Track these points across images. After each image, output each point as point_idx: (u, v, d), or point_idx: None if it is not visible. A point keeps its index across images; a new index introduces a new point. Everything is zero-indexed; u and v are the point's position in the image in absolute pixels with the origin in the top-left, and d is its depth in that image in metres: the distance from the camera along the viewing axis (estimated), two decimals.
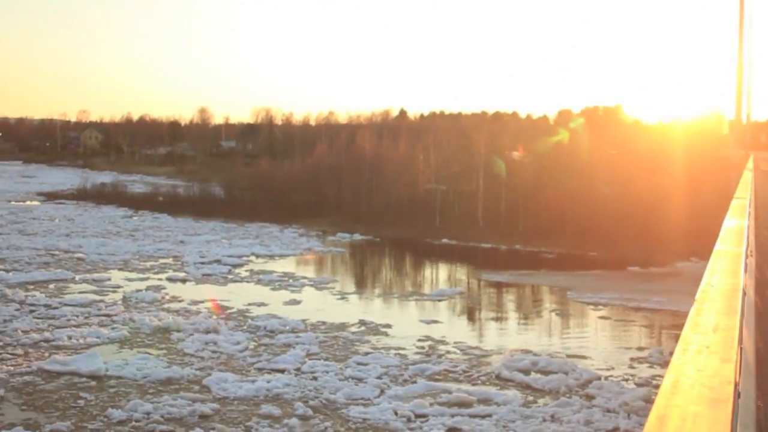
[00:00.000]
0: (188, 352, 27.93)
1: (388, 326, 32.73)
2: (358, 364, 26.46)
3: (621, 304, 38.68)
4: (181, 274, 44.20)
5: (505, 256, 55.16)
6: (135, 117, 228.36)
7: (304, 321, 32.96)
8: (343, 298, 39.40)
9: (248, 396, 22.77)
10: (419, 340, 30.16)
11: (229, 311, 35.15)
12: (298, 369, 25.68)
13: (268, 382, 23.88)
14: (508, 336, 32.80)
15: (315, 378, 24.76)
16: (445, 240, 60.96)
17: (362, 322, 33.06)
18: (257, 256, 50.92)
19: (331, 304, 37.98)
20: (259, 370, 25.77)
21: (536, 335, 33.15)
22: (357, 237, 62.90)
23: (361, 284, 45.25)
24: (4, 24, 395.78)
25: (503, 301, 41.38)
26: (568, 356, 28.30)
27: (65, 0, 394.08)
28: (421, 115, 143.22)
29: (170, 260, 48.75)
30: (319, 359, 27.14)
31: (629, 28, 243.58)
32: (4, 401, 22.01)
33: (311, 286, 42.09)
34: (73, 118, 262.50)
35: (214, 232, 63.98)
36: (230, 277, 44.23)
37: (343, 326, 32.46)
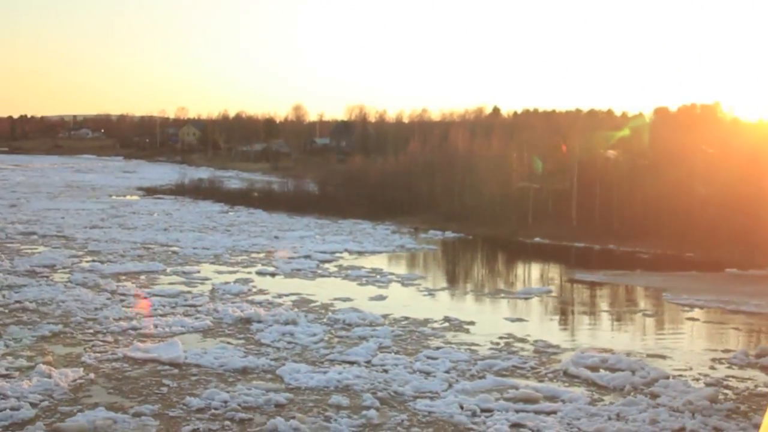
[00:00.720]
0: (265, 343, 28.90)
1: (471, 323, 32.95)
2: (428, 358, 26.92)
3: (718, 306, 37.88)
4: (271, 269, 45.08)
5: (598, 255, 54.58)
6: (231, 114, 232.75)
7: (385, 316, 33.52)
8: (429, 295, 39.64)
9: (319, 386, 23.54)
10: (499, 338, 30.29)
11: (311, 305, 35.93)
12: (368, 362, 26.35)
13: (339, 373, 24.64)
14: (590, 335, 32.62)
15: (385, 371, 25.38)
16: (537, 239, 60.59)
17: (446, 319, 33.37)
18: (350, 253, 51.48)
19: (417, 299, 38.33)
20: (331, 361, 26.52)
21: (620, 335, 32.89)
22: (449, 234, 63.07)
23: (449, 281, 45.43)
24: (107, 24, 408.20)
25: (594, 300, 40.97)
26: (648, 356, 28.02)
27: (163, 1, 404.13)
28: (515, 113, 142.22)
29: (262, 255, 49.65)
30: (390, 353, 27.73)
31: (728, 24, 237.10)
32: (94, 384, 23.28)
33: (398, 282, 42.48)
34: (171, 115, 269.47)
35: (307, 227, 64.92)
36: (319, 271, 45.00)
37: (424, 322, 32.80)
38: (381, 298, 37.93)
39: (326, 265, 46.84)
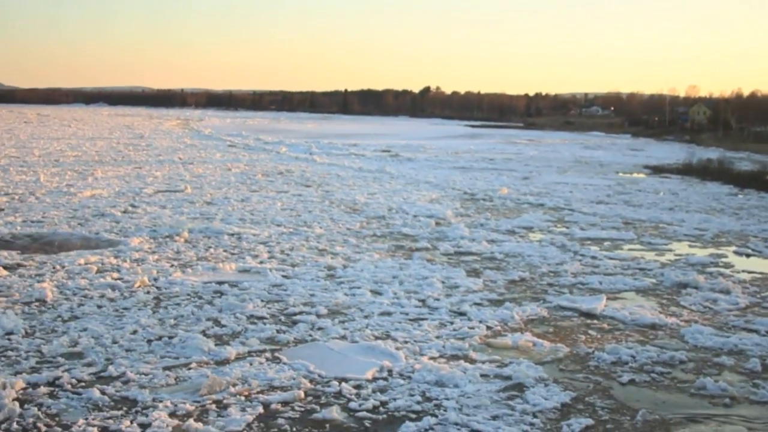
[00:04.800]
0: (683, 305, 29.56)
1: None
2: None
3: None
4: (747, 250, 43.86)
5: None
6: (745, 92, 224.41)
7: None
8: None
9: (715, 347, 24.07)
10: None
11: None
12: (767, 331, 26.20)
13: (740, 339, 24.80)
14: None
15: None
16: None
17: None
18: None
19: None
20: (734, 327, 26.62)
21: None
22: None
23: None
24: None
25: None
26: None
27: None
28: None
29: (759, 239, 47.97)
30: None
31: None
32: (537, 322, 26.51)
33: None
34: (682, 94, 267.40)
35: None
36: None
37: None
38: None
39: None
